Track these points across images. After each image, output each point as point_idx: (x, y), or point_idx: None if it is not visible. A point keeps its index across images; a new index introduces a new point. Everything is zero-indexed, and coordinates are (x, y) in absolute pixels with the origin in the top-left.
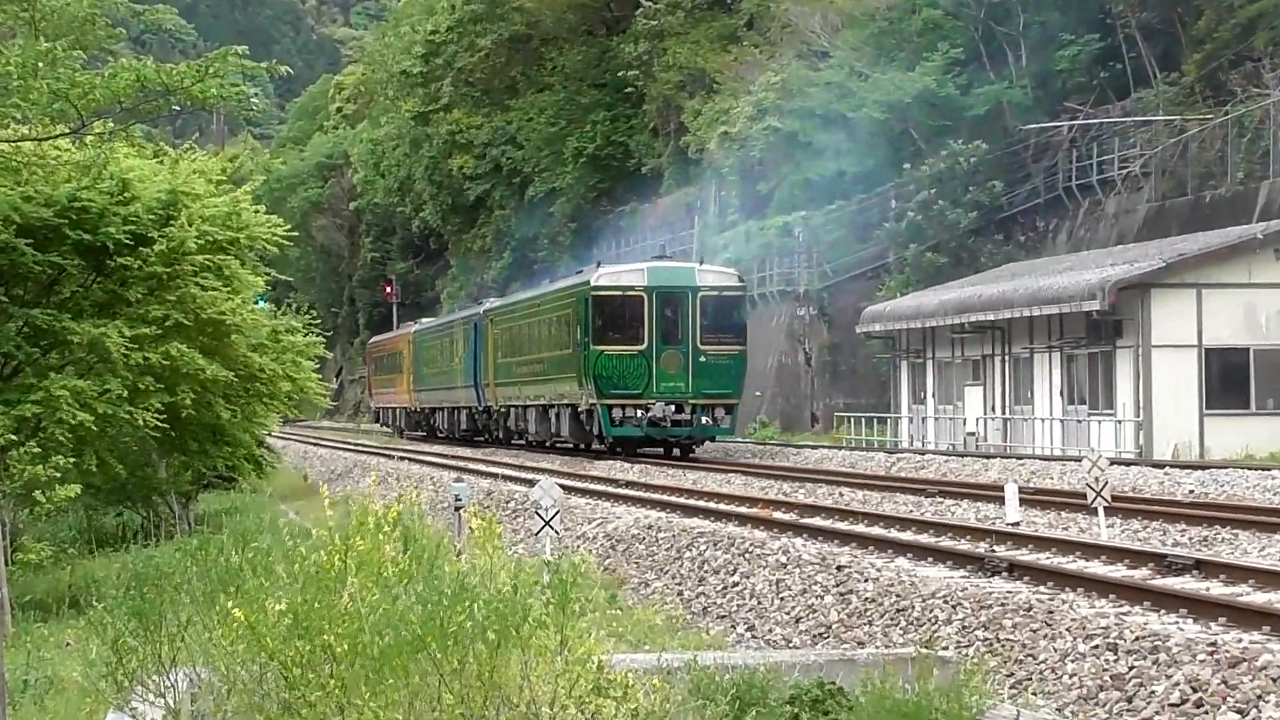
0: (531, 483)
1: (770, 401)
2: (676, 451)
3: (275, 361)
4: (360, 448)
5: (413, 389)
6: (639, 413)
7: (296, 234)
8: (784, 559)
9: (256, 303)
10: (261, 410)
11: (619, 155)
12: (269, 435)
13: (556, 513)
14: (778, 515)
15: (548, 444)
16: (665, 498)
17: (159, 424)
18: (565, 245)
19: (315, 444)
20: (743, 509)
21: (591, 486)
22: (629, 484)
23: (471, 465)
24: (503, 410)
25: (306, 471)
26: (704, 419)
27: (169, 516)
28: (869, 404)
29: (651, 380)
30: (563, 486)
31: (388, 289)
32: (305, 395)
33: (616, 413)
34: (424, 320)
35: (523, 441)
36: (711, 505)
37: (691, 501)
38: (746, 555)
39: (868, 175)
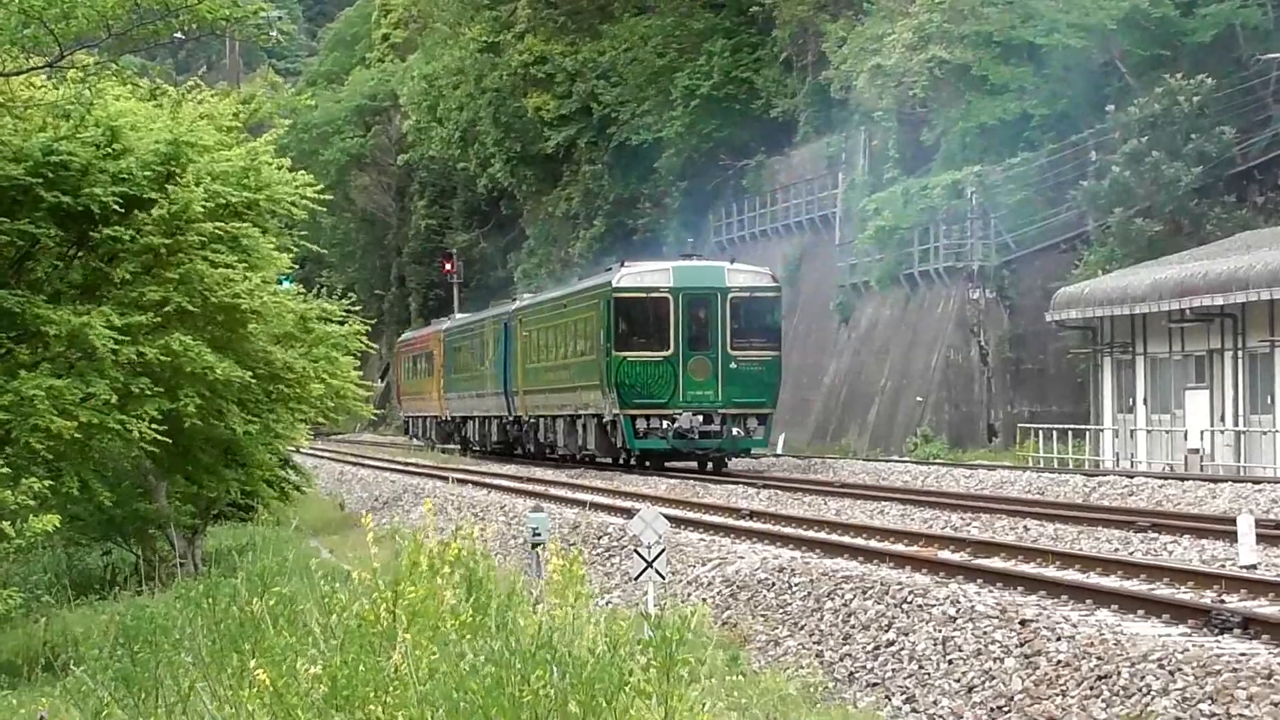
0: (629, 513)
1: (935, 410)
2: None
3: (305, 358)
4: (411, 468)
5: (443, 395)
6: (664, 424)
7: (331, 196)
8: (952, 611)
9: (280, 283)
10: (286, 420)
11: (741, 95)
12: (296, 452)
13: (662, 551)
14: (944, 555)
15: (577, 458)
16: (800, 532)
17: (157, 438)
18: (672, 210)
19: (355, 463)
20: (899, 547)
21: (707, 518)
22: (754, 514)
23: (553, 490)
24: (532, 421)
25: (343, 499)
26: (735, 430)
27: (169, 555)
28: (1061, 413)
29: (678, 389)
30: (670, 518)
31: (447, 265)
32: (343, 401)
33: (641, 424)
34: (458, 315)
35: (555, 456)
36: (859, 542)
37: (834, 537)
38: (905, 606)
39: (1060, 120)
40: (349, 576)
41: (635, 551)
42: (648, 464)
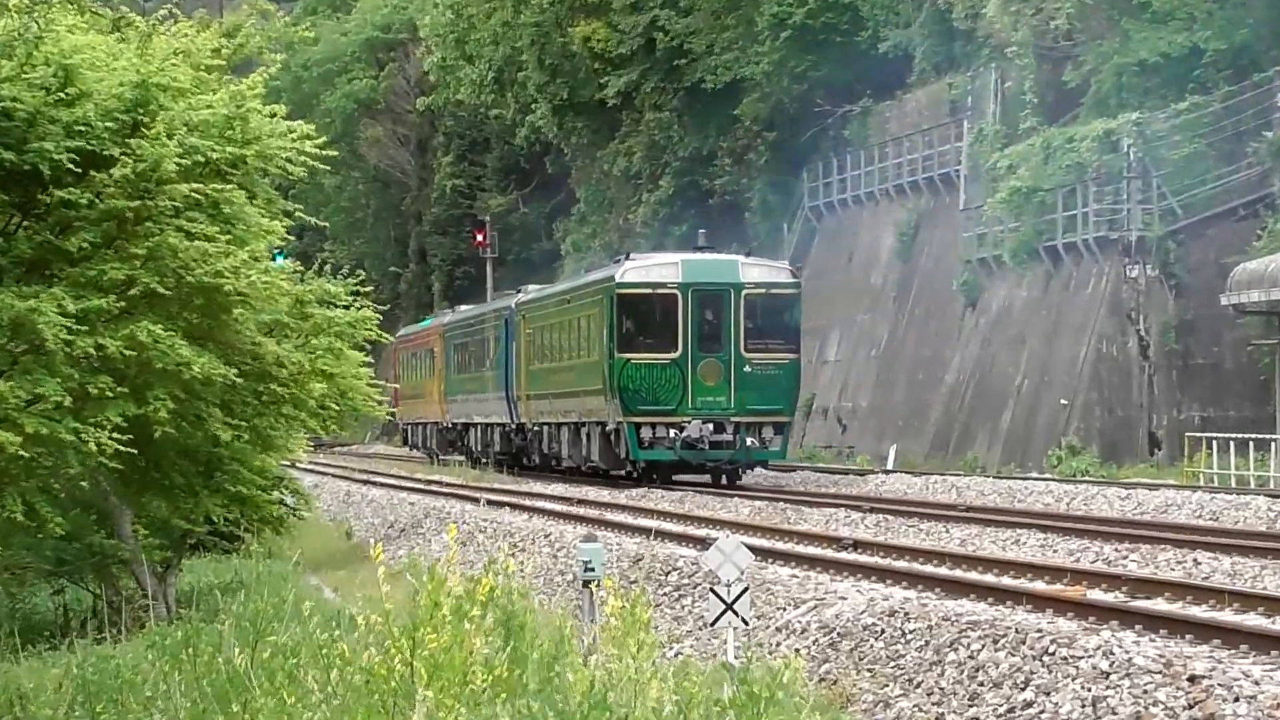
0: (704, 543)
1: (1083, 415)
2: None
3: (302, 351)
4: (433, 487)
5: (444, 399)
6: (671, 432)
7: (335, 151)
8: (1105, 664)
9: (273, 259)
10: (280, 428)
11: (843, 26)
12: (293, 468)
13: (744, 591)
14: (1094, 595)
15: (583, 469)
16: (916, 567)
17: (120, 450)
18: (757, 167)
19: (365, 481)
20: (1039, 585)
21: (800, 549)
22: (859, 544)
23: (610, 514)
24: (536, 429)
25: (350, 525)
26: (749, 440)
27: (136, 595)
28: (1241, 419)
29: (686, 394)
30: (754, 549)
31: (478, 237)
32: (350, 404)
33: (646, 432)
34: (461, 308)
35: (562, 469)
36: (989, 579)
37: (958, 573)
38: (1046, 658)
39: (1239, 55)
40: (357, 621)
41: (712, 591)
42: (654, 477)
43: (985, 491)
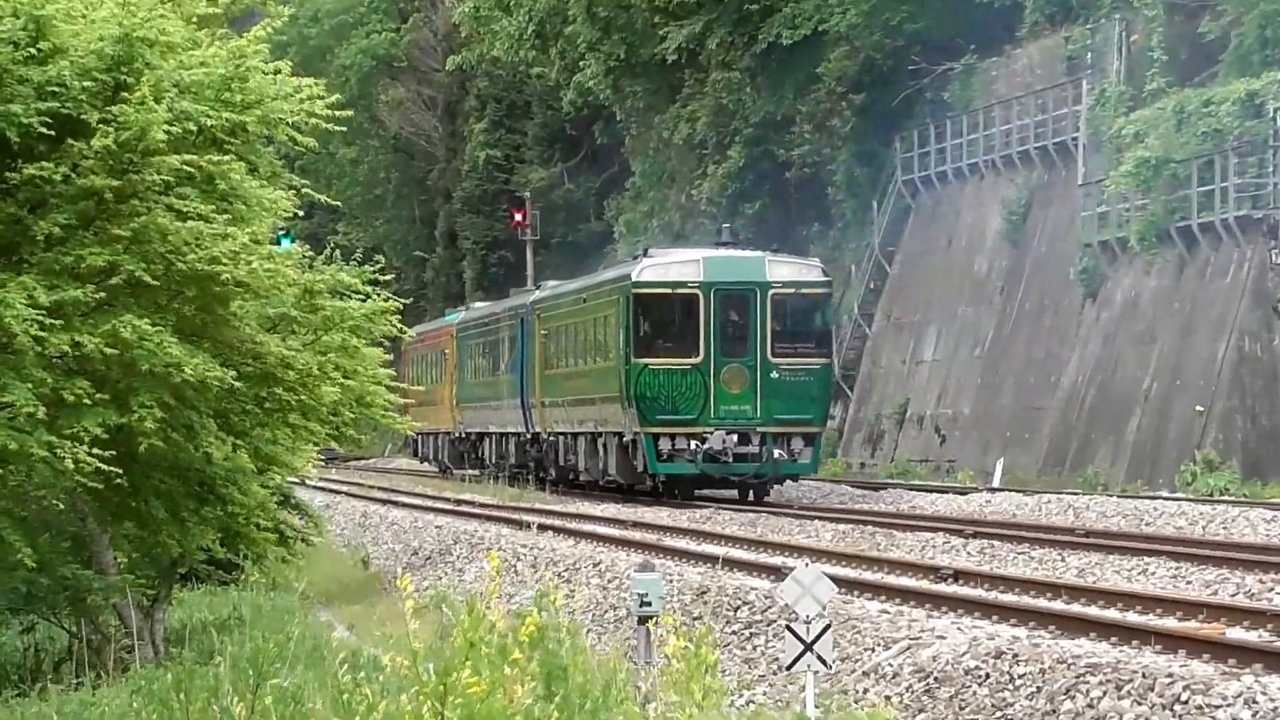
0: (779, 573)
1: (1222, 424)
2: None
3: (311, 349)
4: (464, 507)
5: (456, 406)
6: (692, 444)
7: (350, 114)
8: (1246, 714)
9: (278, 242)
10: (286, 440)
11: None
12: (301, 486)
13: (826, 629)
14: (1234, 634)
15: (600, 484)
16: (1027, 601)
17: (100, 467)
18: (842, 135)
19: (384, 500)
20: (1170, 622)
21: (890, 580)
22: (960, 575)
23: (669, 540)
24: (551, 439)
25: (367, 552)
26: (776, 452)
27: (118, 633)
28: None
29: (708, 402)
30: (838, 580)
31: (516, 216)
32: (368, 411)
33: (664, 444)
34: (477, 305)
35: (580, 483)
36: (1112, 615)
37: (1075, 608)
38: (1177, 707)
39: None
40: (379, 664)
41: (788, 628)
42: (677, 492)
43: (1107, 513)
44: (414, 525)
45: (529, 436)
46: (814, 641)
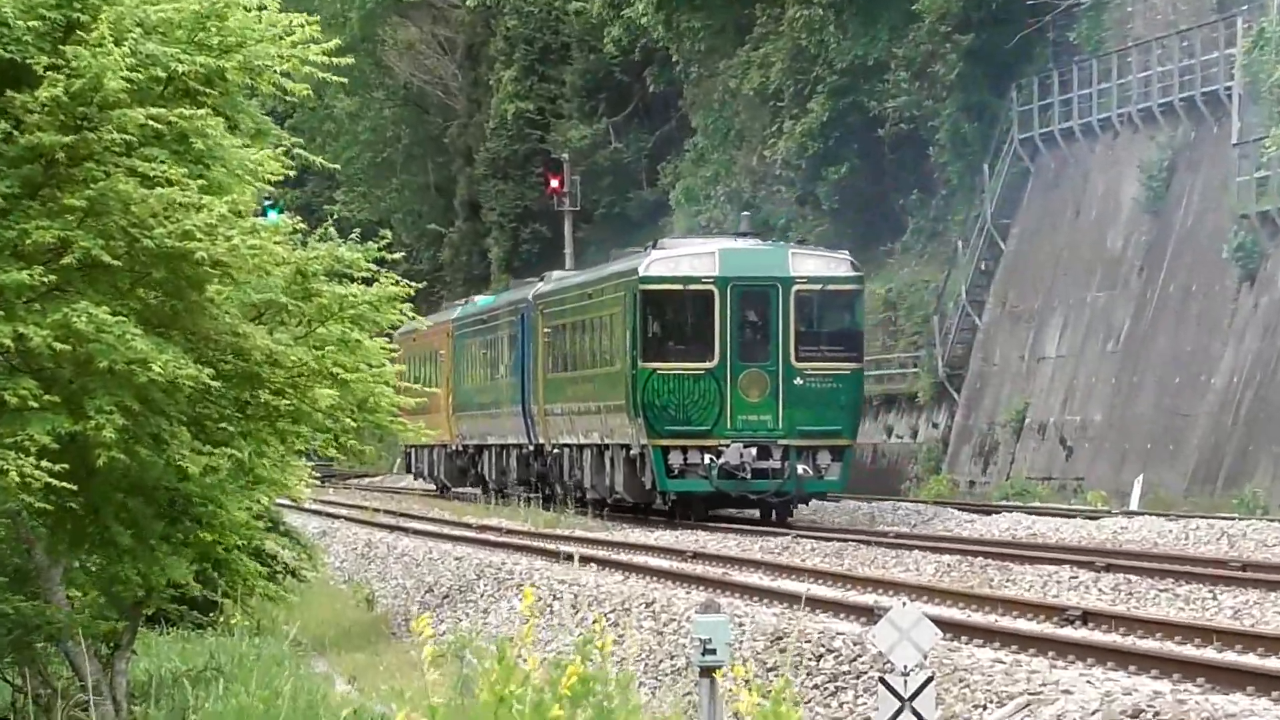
0: (871, 613)
1: None
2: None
3: (305, 343)
4: (489, 535)
5: (452, 415)
6: (706, 458)
7: (351, 61)
8: None
9: (265, 213)
10: (274, 452)
11: None
12: (294, 508)
13: (929, 681)
14: None
15: (608, 502)
16: (1171, 648)
17: (50, 484)
18: (947, 83)
19: (393, 526)
20: None
21: (1004, 623)
22: (1090, 616)
23: (736, 574)
24: (556, 452)
25: (372, 589)
26: (800, 468)
27: (72, 686)
28: None
29: (724, 412)
30: (942, 623)
31: (552, 182)
32: (372, 418)
33: (675, 458)
34: (478, 299)
35: (587, 500)
36: (1272, 665)
37: (1230, 657)
38: None
39: None
40: None
41: (882, 681)
42: (692, 515)
43: (1268, 542)
44: (428, 557)
45: (531, 449)
46: (913, 697)
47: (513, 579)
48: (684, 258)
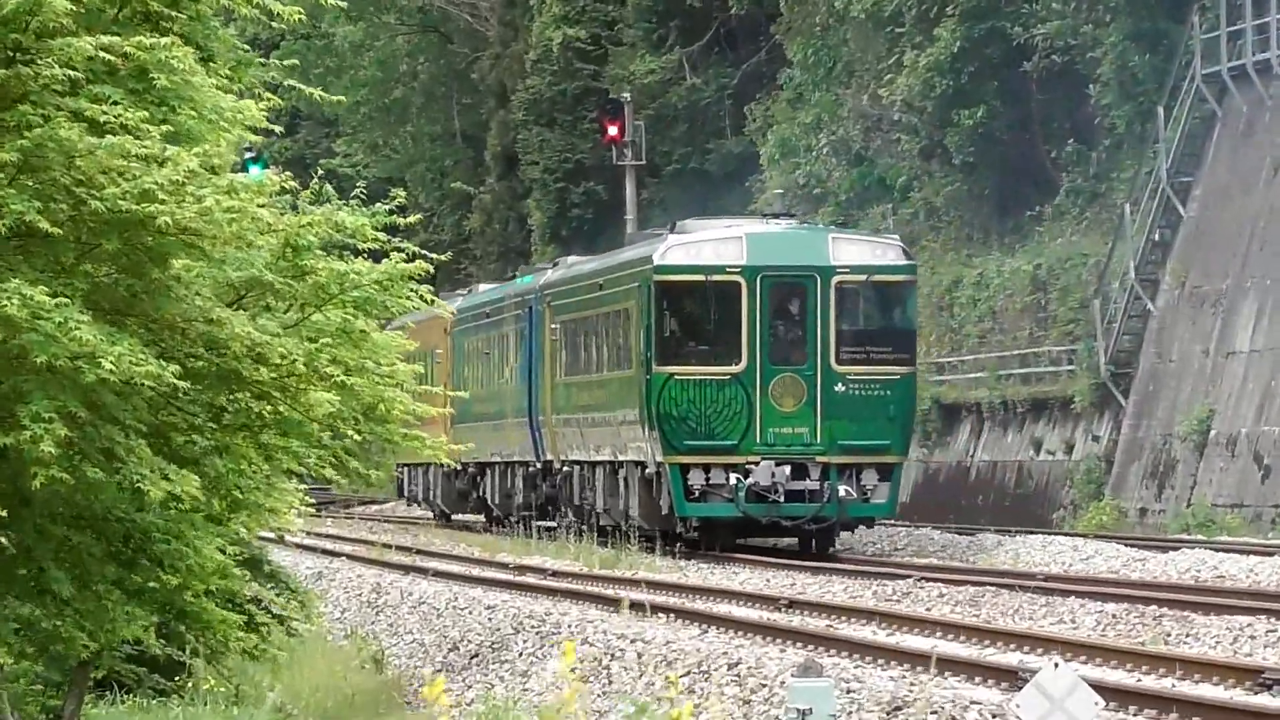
0: (1012, 676)
1: None
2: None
3: (295, 333)
4: (529, 576)
5: (451, 427)
6: (732, 478)
7: None
8: None
9: (245, 169)
10: (255, 473)
11: None
12: (279, 544)
13: None
14: None
15: (622, 529)
16: None
17: None
18: (1110, 3)
19: (407, 566)
20: None
21: (1185, 689)
22: None
23: (842, 625)
24: (565, 470)
25: (380, 646)
26: (842, 489)
27: None
28: None
29: (753, 424)
30: (1107, 690)
31: (610, 129)
32: (381, 429)
33: (695, 478)
34: (481, 288)
35: (602, 527)
36: None
37: None
38: None
39: None
40: None
41: None
42: (716, 544)
43: None
44: (452, 605)
45: (539, 466)
46: None
47: (560, 633)
48: (706, 243)
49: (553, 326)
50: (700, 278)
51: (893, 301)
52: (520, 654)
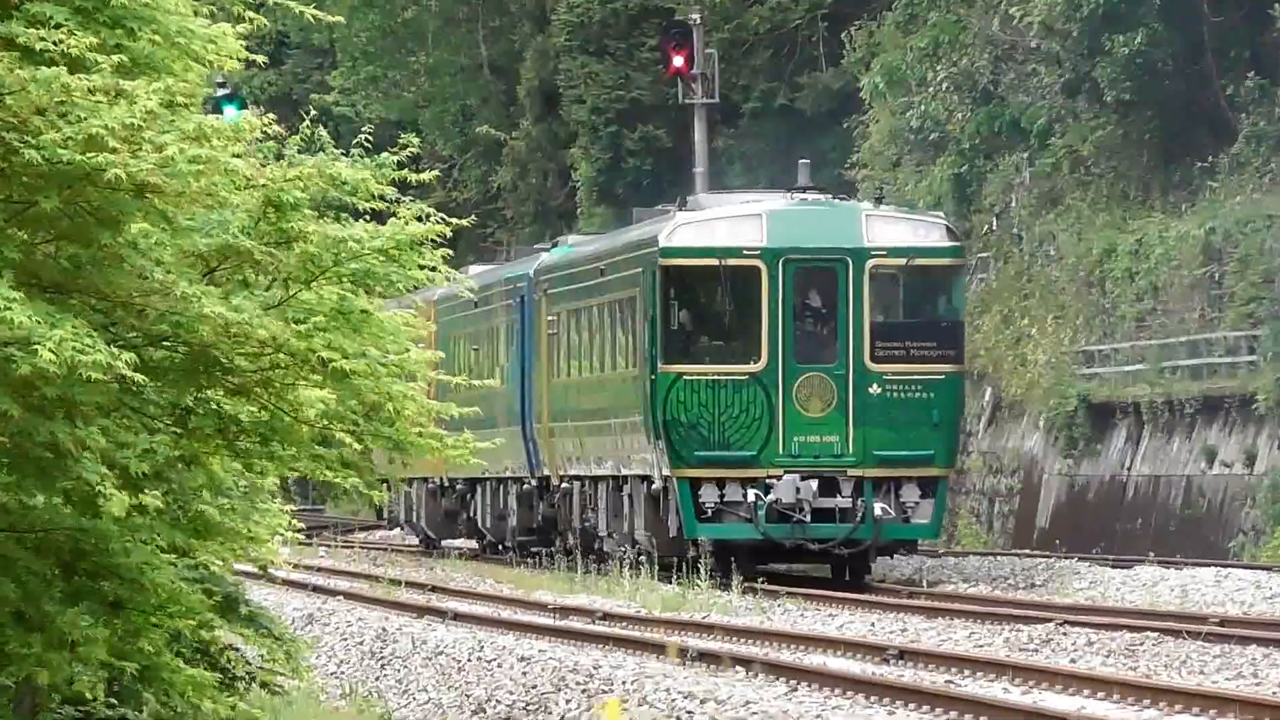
0: None
1: None
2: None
3: (278, 313)
4: (573, 623)
5: None
6: (750, 494)
7: None
8: None
9: (219, 110)
10: (233, 489)
11: None
12: (262, 579)
13: None
14: None
15: (627, 556)
16: None
17: None
18: None
19: (420, 607)
20: None
21: None
22: None
23: (964, 683)
24: (565, 487)
25: (387, 708)
26: (878, 507)
27: None
28: None
29: (775, 431)
30: None
31: (675, 59)
32: (388, 433)
33: (708, 494)
34: (474, 268)
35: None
36: None
37: None
38: None
39: None
40: None
41: None
42: (736, 570)
43: None
44: (476, 656)
45: (534, 482)
46: None
47: (611, 690)
48: (720, 222)
49: (549, 319)
50: (713, 261)
51: (937, 288)
52: (563, 717)
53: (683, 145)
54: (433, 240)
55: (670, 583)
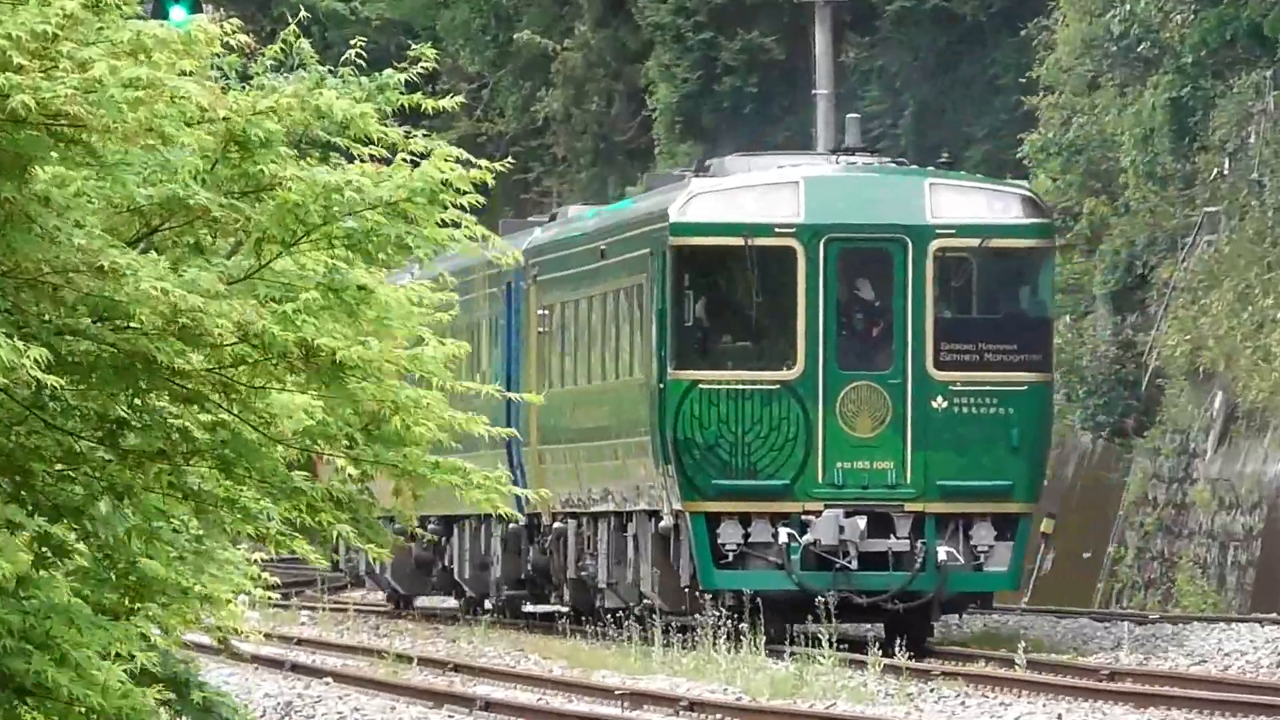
0: None
1: None
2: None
3: (243, 291)
4: (648, 711)
5: None
6: (783, 533)
7: None
8: None
9: (164, 14)
10: (180, 535)
11: None
12: (228, 645)
13: None
14: None
15: (635, 611)
16: None
17: None
18: None
19: (440, 695)
20: None
21: None
22: None
23: None
24: (556, 526)
25: None
26: (942, 551)
27: None
28: None
29: (813, 455)
30: None
31: None
32: (398, 459)
33: (729, 533)
34: (454, 248)
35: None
36: None
37: None
38: None
39: None
40: None
41: None
42: (763, 625)
43: None
44: None
45: (522, 524)
46: None
47: None
48: (746, 191)
49: (540, 313)
50: (737, 241)
51: (1019, 276)
52: None
53: (799, 62)
54: (456, 189)
55: (863, 669)
